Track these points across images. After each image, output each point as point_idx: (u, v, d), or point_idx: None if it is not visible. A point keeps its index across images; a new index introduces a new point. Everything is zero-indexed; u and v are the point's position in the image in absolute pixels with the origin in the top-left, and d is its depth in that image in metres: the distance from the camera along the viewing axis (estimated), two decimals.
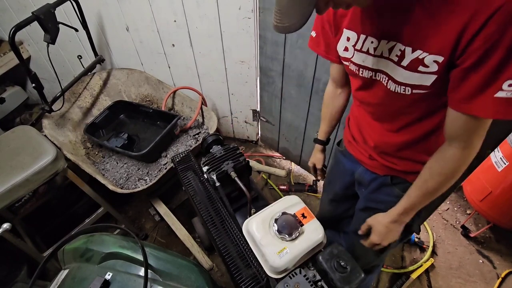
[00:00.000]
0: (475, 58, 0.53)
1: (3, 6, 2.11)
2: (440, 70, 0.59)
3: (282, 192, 2.10)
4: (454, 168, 0.68)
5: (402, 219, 0.83)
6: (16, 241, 1.31)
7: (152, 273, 0.87)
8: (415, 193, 0.76)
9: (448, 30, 0.54)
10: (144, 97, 2.20)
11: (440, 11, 0.55)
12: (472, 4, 0.50)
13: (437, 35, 0.56)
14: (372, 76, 0.74)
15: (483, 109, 0.57)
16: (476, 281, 1.65)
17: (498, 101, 0.54)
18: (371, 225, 0.91)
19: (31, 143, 1.39)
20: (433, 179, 0.72)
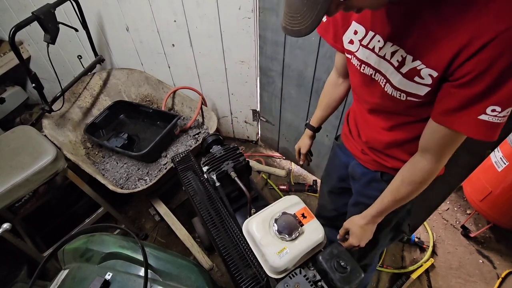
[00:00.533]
0: (466, 79, 0.54)
1: (3, 6, 2.11)
2: (433, 83, 0.61)
3: (282, 192, 2.10)
4: (423, 179, 0.72)
5: (376, 220, 0.89)
6: (16, 241, 1.31)
7: (152, 273, 0.87)
8: (388, 198, 0.81)
9: (446, 48, 0.55)
10: (144, 97, 2.20)
11: (442, 28, 0.55)
12: (472, 29, 0.51)
13: (435, 51, 0.57)
14: (372, 75, 0.74)
15: (462, 125, 0.60)
16: (476, 281, 1.65)
17: (479, 123, 0.57)
18: (348, 228, 0.95)
19: (31, 143, 1.39)
20: (403, 186, 0.76)
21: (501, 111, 0.54)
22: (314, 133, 1.21)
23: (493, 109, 0.54)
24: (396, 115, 0.78)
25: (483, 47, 0.50)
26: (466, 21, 0.52)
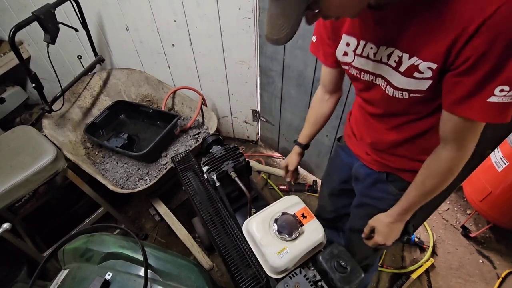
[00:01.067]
0: (466, 65, 0.55)
1: (3, 6, 2.11)
2: (434, 75, 0.61)
3: (282, 192, 2.10)
4: (449, 168, 0.71)
5: (403, 218, 0.86)
6: (16, 241, 1.31)
7: (152, 273, 0.87)
8: (414, 193, 0.79)
9: (441, 40, 0.56)
10: (144, 97, 2.20)
11: (434, 23, 0.57)
12: (462, 18, 0.52)
13: (430, 44, 0.58)
14: (373, 80, 0.75)
15: (474, 112, 0.59)
16: (476, 281, 1.65)
17: (490, 105, 0.56)
18: (374, 226, 0.93)
19: (31, 143, 1.39)
20: (430, 179, 0.74)
21: (510, 90, 0.53)
22: (303, 150, 1.21)
23: (501, 89, 0.54)
24: (399, 115, 0.78)
25: (476, 32, 0.51)
26: (455, 12, 0.53)
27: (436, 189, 0.75)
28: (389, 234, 0.89)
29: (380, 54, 0.68)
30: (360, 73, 0.77)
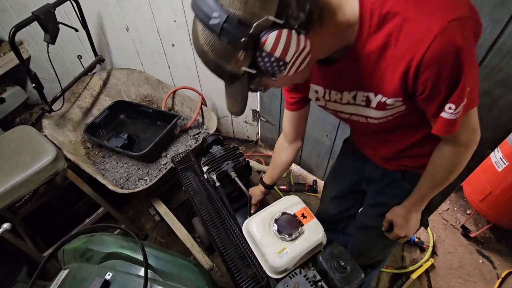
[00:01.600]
0: (425, 95, 0.60)
1: (3, 6, 2.11)
2: (404, 102, 0.65)
3: (282, 192, 2.10)
4: (453, 163, 0.74)
5: (418, 208, 0.88)
6: (16, 241, 1.31)
7: (152, 273, 0.87)
8: (425, 185, 0.81)
9: (393, 78, 0.60)
10: (144, 97, 2.20)
11: (382, 65, 0.60)
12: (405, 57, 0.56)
13: (386, 83, 0.62)
14: (349, 117, 0.78)
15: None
16: (476, 281, 1.65)
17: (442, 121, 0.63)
18: (391, 220, 0.94)
19: (31, 143, 1.39)
20: (438, 172, 0.77)
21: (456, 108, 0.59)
22: (267, 189, 1.22)
23: (449, 106, 0.59)
24: (394, 129, 0.79)
25: (419, 68, 0.55)
26: (395, 52, 0.57)
27: (446, 181, 0.77)
28: (408, 225, 0.91)
29: (347, 98, 0.72)
30: (336, 113, 0.81)
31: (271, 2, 0.49)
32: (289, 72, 0.56)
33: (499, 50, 0.94)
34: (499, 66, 0.96)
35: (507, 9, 0.87)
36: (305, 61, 0.57)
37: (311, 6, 0.52)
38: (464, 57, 0.53)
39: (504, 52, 0.93)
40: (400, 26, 0.54)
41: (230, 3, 0.48)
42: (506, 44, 0.92)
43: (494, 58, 0.96)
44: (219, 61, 0.54)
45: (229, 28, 0.49)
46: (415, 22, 0.53)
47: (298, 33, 0.52)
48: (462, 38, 0.52)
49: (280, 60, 0.53)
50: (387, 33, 0.56)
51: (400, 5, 0.54)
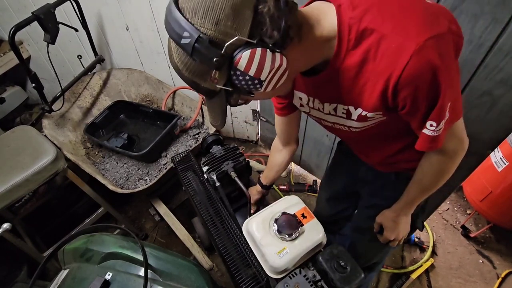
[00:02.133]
0: (406, 111, 0.60)
1: (3, 6, 2.11)
2: (385, 115, 0.65)
3: (282, 192, 2.10)
4: (442, 169, 0.73)
5: (407, 212, 0.88)
6: (16, 241, 1.31)
7: (152, 273, 0.87)
8: (413, 189, 0.81)
9: (372, 94, 0.60)
10: (144, 97, 2.20)
11: (360, 81, 0.60)
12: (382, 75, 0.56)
13: (365, 98, 0.62)
14: (333, 125, 0.79)
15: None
16: (476, 281, 1.65)
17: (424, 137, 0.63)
18: (381, 223, 0.94)
19: (31, 143, 1.39)
20: (426, 178, 0.77)
21: (437, 126, 0.59)
22: (264, 190, 1.22)
23: (431, 124, 0.60)
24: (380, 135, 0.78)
25: (397, 86, 0.55)
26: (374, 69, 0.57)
27: (434, 187, 0.78)
28: (397, 229, 0.91)
29: (328, 109, 0.72)
30: (319, 120, 0.81)
31: (244, 22, 0.49)
32: (266, 89, 0.57)
33: (499, 50, 0.94)
34: (499, 66, 0.96)
35: (508, 8, 0.87)
36: (283, 78, 0.57)
37: (287, 24, 0.51)
38: (441, 76, 0.53)
39: (505, 52, 0.93)
40: (378, 43, 0.54)
41: (202, 23, 0.48)
42: (506, 44, 0.91)
43: (495, 58, 0.96)
44: (194, 79, 0.55)
45: (201, 48, 0.49)
46: (391, 40, 0.53)
47: (273, 51, 0.52)
48: (439, 57, 0.51)
49: (255, 79, 0.53)
50: (365, 49, 0.56)
51: (378, 22, 0.54)
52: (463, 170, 1.21)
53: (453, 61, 0.56)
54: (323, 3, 0.60)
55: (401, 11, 0.54)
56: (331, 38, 0.58)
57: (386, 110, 0.62)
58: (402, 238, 0.95)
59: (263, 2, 0.50)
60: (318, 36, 0.58)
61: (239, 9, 0.48)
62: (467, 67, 1.03)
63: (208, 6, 0.47)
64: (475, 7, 0.92)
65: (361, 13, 0.55)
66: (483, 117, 1.08)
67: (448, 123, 0.60)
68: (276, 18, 0.50)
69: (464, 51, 1.01)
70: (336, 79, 0.63)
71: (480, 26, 0.93)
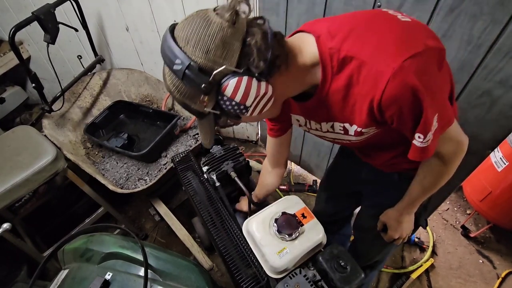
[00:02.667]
0: (395, 126, 0.62)
1: (3, 6, 2.11)
2: (379, 128, 0.67)
3: (282, 192, 2.10)
4: (442, 171, 0.74)
5: (410, 211, 0.89)
6: (16, 241, 1.31)
7: (152, 273, 0.87)
8: (415, 190, 0.82)
9: (361, 112, 0.62)
10: (144, 97, 2.20)
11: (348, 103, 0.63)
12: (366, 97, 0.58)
13: (356, 116, 0.65)
14: (333, 140, 0.81)
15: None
16: (476, 281, 1.65)
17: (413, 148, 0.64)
18: (385, 222, 0.95)
19: (31, 143, 1.39)
20: (427, 179, 0.78)
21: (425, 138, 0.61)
22: (256, 206, 1.21)
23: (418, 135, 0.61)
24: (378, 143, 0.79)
25: (380, 107, 0.58)
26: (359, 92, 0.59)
27: (435, 187, 0.78)
28: (401, 227, 0.91)
29: (325, 127, 0.75)
30: (320, 137, 0.84)
31: (232, 52, 0.55)
32: (252, 113, 0.61)
33: (499, 50, 0.94)
34: (499, 66, 0.96)
35: (507, 9, 0.87)
36: (268, 104, 0.62)
37: (273, 54, 0.56)
38: (421, 94, 0.54)
39: (504, 52, 0.93)
40: (358, 69, 0.57)
41: (193, 51, 0.54)
42: (506, 44, 0.91)
43: (494, 58, 0.96)
44: (185, 101, 0.60)
45: (191, 74, 0.54)
46: (370, 65, 0.55)
47: (258, 80, 0.57)
48: (416, 77, 0.53)
49: (241, 104, 0.58)
50: (348, 75, 0.59)
51: (356, 49, 0.57)
52: (463, 170, 1.21)
53: (434, 75, 0.57)
54: (304, 34, 0.65)
55: (376, 36, 0.57)
56: (315, 65, 0.62)
57: (378, 125, 0.65)
58: (406, 236, 0.96)
59: (251, 35, 0.55)
60: (302, 65, 0.62)
61: (228, 41, 0.54)
62: (466, 67, 1.03)
63: (200, 36, 0.53)
64: (474, 8, 0.92)
65: (339, 42, 0.58)
66: (482, 117, 1.08)
67: (438, 131, 0.61)
68: (263, 50, 0.55)
69: (463, 51, 1.01)
70: (327, 102, 0.66)
71: (479, 26, 0.93)
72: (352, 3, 1.19)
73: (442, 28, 1.01)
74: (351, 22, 0.61)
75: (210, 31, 0.53)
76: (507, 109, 1.01)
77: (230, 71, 0.55)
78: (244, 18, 0.56)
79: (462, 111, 1.11)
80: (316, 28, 0.63)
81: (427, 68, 0.56)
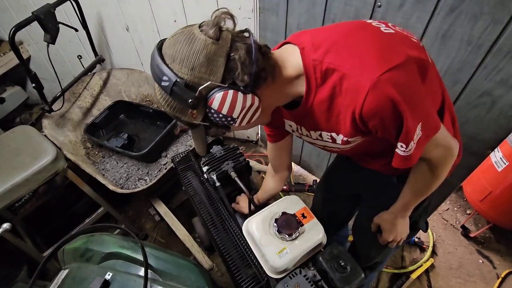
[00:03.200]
0: (379, 135, 0.63)
1: (3, 6, 2.11)
2: (365, 137, 0.68)
3: (282, 192, 2.10)
4: (433, 175, 0.74)
5: (404, 214, 0.88)
6: (16, 241, 1.31)
7: (152, 273, 0.87)
8: (407, 193, 0.82)
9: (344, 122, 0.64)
10: (144, 97, 2.20)
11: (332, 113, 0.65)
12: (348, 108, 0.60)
13: (342, 127, 0.66)
14: (324, 148, 0.81)
15: None
16: (476, 281, 1.65)
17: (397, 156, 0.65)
18: (379, 224, 0.95)
19: (31, 143, 1.39)
20: (418, 183, 0.78)
21: (407, 147, 0.62)
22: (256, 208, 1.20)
23: (401, 145, 0.62)
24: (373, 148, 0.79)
25: (362, 118, 0.59)
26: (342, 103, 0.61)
27: (427, 191, 0.79)
28: (395, 230, 0.91)
29: (315, 135, 0.76)
30: (311, 144, 0.84)
31: (217, 68, 0.57)
32: (240, 124, 0.64)
33: (499, 50, 0.94)
34: (499, 66, 0.96)
35: (507, 9, 0.87)
36: (256, 114, 0.64)
37: (259, 67, 0.58)
38: (401, 105, 0.55)
39: (504, 52, 0.93)
40: (340, 81, 0.59)
41: (179, 69, 0.56)
42: (506, 44, 0.92)
43: (494, 58, 0.96)
44: (176, 114, 0.62)
45: (177, 90, 0.56)
46: (350, 77, 0.57)
47: (244, 93, 0.58)
48: (395, 89, 0.54)
49: (228, 116, 0.60)
50: (331, 86, 0.60)
51: (337, 61, 0.58)
52: (463, 170, 1.21)
53: (416, 86, 0.58)
54: (290, 46, 0.67)
55: (358, 49, 0.59)
56: (300, 76, 0.64)
57: (363, 134, 0.66)
58: (401, 240, 0.95)
59: (235, 50, 0.57)
60: (287, 76, 0.64)
61: (212, 57, 0.56)
62: (466, 67, 1.03)
63: (185, 54, 0.56)
64: (474, 8, 0.92)
65: (322, 55, 0.60)
66: (483, 117, 1.08)
67: (423, 140, 0.62)
68: (247, 64, 0.57)
69: (463, 51, 1.01)
70: (313, 112, 0.68)
71: (479, 26, 0.93)
72: (353, 3, 1.19)
73: (443, 28, 1.01)
74: (335, 34, 0.63)
75: (195, 48, 0.56)
76: (507, 109, 1.01)
77: (216, 85, 0.57)
78: (228, 33, 0.59)
79: (462, 111, 1.11)
80: (301, 40, 0.65)
81: (407, 80, 0.57)
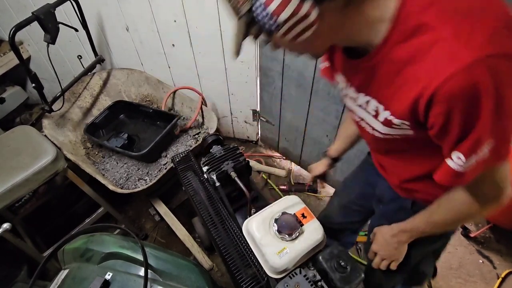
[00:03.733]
0: (435, 131, 0.53)
1: (3, 6, 2.11)
2: (413, 128, 0.58)
3: (282, 192, 2.10)
4: (462, 211, 0.64)
5: (402, 237, 0.80)
6: (16, 241, 1.31)
7: (152, 273, 0.87)
8: (420, 218, 0.74)
9: (405, 97, 0.53)
10: (144, 97, 2.20)
11: (398, 79, 0.53)
12: (421, 81, 0.49)
13: (397, 100, 0.55)
14: (359, 122, 0.72)
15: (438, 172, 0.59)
16: (476, 281, 1.65)
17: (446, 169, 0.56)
18: (376, 233, 0.90)
19: (31, 143, 1.39)
20: (438, 214, 0.69)
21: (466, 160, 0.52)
22: (332, 162, 1.15)
23: (458, 156, 0.52)
24: (405, 151, 0.72)
25: (432, 99, 0.48)
26: (415, 72, 0.50)
27: (443, 226, 0.71)
28: (384, 246, 0.85)
29: (360, 101, 0.66)
30: (351, 111, 0.74)
31: None
32: (284, 36, 0.51)
33: None
34: None
35: None
36: (307, 32, 0.50)
37: None
38: (486, 103, 0.45)
39: None
40: (430, 44, 0.47)
41: None
42: None
43: None
44: None
45: None
46: (446, 45, 0.45)
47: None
48: (493, 80, 0.43)
49: (273, 16, 0.47)
50: (415, 47, 0.49)
51: (441, 20, 0.46)
52: None
53: None
54: None
55: (470, 15, 0.45)
56: (384, 21, 0.51)
57: (414, 123, 0.56)
58: (386, 263, 0.87)
59: None
60: (369, 12, 0.51)
61: None
62: None
63: None
64: None
65: (426, 4, 0.47)
66: None
67: (482, 163, 0.51)
68: None
69: None
70: (377, 69, 0.56)
71: None
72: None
73: None
74: None
75: None
76: None
77: None
78: None
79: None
80: None
81: (510, 78, 0.45)
